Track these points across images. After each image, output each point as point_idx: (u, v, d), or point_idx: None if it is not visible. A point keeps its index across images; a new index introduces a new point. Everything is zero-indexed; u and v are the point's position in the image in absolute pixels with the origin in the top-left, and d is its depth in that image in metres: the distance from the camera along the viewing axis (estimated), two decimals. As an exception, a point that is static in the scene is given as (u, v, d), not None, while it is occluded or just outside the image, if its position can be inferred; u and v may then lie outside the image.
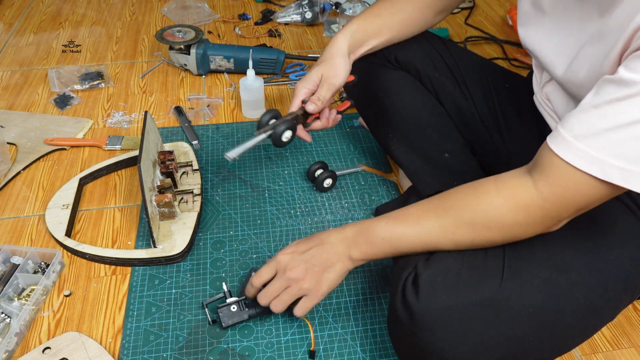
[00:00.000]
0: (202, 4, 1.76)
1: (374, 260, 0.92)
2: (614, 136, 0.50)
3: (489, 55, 1.53)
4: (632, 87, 0.48)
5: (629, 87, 0.49)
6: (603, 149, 0.50)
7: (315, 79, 0.83)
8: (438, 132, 0.90)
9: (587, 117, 0.52)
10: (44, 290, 0.85)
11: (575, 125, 0.53)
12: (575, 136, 0.52)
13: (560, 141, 0.53)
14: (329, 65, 0.82)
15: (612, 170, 0.50)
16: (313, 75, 0.83)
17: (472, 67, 0.92)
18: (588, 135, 0.51)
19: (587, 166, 0.51)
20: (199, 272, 0.90)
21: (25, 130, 1.20)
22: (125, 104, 1.31)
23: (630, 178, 0.50)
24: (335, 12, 1.69)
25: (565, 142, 0.53)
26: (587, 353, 0.80)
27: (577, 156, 0.52)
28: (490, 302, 0.58)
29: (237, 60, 1.37)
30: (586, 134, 0.51)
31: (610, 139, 0.50)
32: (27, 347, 0.79)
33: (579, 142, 0.52)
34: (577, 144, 0.52)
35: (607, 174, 0.51)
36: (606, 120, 0.50)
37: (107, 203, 1.03)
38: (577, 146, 0.52)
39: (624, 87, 0.49)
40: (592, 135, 0.51)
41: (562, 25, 0.67)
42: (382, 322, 0.83)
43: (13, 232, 0.97)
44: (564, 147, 0.53)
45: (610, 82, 0.51)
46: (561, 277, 0.60)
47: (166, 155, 0.99)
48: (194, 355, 0.78)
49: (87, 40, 1.59)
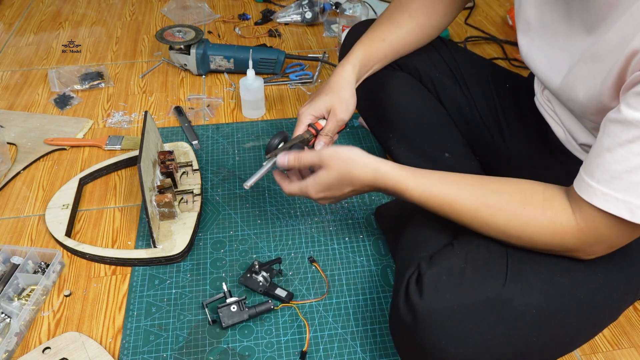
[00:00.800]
0: (202, 4, 1.76)
1: (371, 260, 0.92)
2: (634, 178, 0.51)
3: (489, 55, 1.53)
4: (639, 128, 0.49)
5: (636, 127, 0.49)
6: (626, 191, 0.51)
7: (323, 108, 0.81)
8: (438, 132, 0.90)
9: (604, 162, 0.53)
10: (44, 290, 0.85)
11: (595, 171, 0.54)
12: (598, 181, 0.53)
13: (586, 187, 0.55)
14: (338, 99, 0.81)
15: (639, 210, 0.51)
16: (321, 104, 0.81)
17: (473, 67, 0.92)
18: (609, 179, 0.52)
19: (615, 209, 0.52)
20: (199, 272, 0.90)
21: (25, 130, 1.20)
22: (125, 104, 1.31)
23: None
24: (335, 12, 1.69)
25: (590, 187, 0.54)
26: (587, 353, 0.80)
27: (603, 200, 0.53)
28: (493, 302, 0.58)
29: (237, 60, 1.37)
30: (608, 179, 0.52)
31: (632, 180, 0.51)
32: (27, 347, 0.79)
33: (603, 186, 0.53)
34: (601, 189, 0.53)
35: (635, 215, 0.51)
36: (622, 162, 0.51)
37: (107, 203, 1.03)
38: (602, 190, 0.53)
39: (632, 128, 0.50)
40: (614, 179, 0.52)
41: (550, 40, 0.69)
42: (382, 322, 0.83)
43: (13, 232, 0.97)
44: (589, 193, 0.54)
45: (616, 123, 0.52)
46: (564, 278, 0.60)
47: (166, 155, 0.99)
48: (194, 355, 0.78)
49: (87, 40, 1.59)
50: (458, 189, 0.65)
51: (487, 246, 0.64)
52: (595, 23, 0.59)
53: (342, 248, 0.94)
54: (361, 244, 0.95)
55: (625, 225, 0.53)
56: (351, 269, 0.91)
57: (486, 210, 0.62)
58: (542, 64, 0.70)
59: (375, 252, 0.94)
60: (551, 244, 0.59)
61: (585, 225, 0.56)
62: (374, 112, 0.97)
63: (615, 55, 0.54)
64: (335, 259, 0.92)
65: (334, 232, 0.97)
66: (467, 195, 0.64)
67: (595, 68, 0.58)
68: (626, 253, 0.63)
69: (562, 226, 0.58)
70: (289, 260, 0.92)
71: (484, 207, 0.63)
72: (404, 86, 0.91)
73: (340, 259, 0.92)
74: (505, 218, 0.61)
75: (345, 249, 0.94)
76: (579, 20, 0.62)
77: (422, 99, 0.91)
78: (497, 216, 0.62)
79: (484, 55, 1.43)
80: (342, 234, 0.97)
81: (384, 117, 0.93)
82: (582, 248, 0.58)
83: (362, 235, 0.97)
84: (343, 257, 0.93)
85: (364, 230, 0.98)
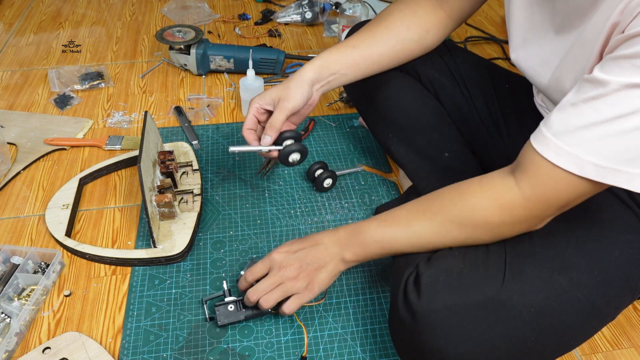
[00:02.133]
0: (202, 4, 1.76)
1: (371, 260, 0.92)
2: (589, 134, 0.51)
3: (489, 55, 1.53)
4: (605, 87, 0.50)
5: (603, 86, 0.50)
6: (579, 145, 0.52)
7: (269, 98, 0.82)
8: (438, 131, 0.90)
9: (565, 115, 0.53)
10: (44, 290, 0.85)
11: (554, 123, 0.54)
12: (554, 133, 0.54)
13: (541, 139, 0.55)
14: (285, 88, 0.81)
15: (588, 166, 0.52)
16: (268, 95, 0.82)
17: (472, 67, 0.92)
18: (565, 132, 0.53)
19: (564, 163, 0.53)
20: (199, 272, 0.90)
21: (25, 130, 1.20)
22: (125, 104, 1.31)
23: (606, 174, 0.51)
24: (335, 12, 1.69)
25: (545, 139, 0.54)
26: (587, 353, 0.80)
27: (555, 153, 0.53)
28: (492, 302, 0.58)
29: (237, 60, 1.37)
30: (563, 131, 0.53)
31: (586, 136, 0.51)
32: (27, 347, 0.79)
33: (557, 139, 0.53)
34: (555, 141, 0.53)
35: (583, 170, 0.52)
36: (582, 117, 0.52)
37: (107, 203, 1.03)
38: (555, 143, 0.53)
39: (599, 87, 0.50)
40: (569, 132, 0.52)
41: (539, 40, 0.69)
42: (382, 322, 0.83)
43: (13, 232, 0.97)
44: (544, 145, 0.54)
45: (587, 81, 0.52)
46: (562, 277, 0.60)
47: (166, 155, 0.99)
48: (194, 355, 0.78)
49: (87, 40, 1.59)
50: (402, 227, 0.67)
51: (485, 246, 0.64)
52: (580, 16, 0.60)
53: (342, 248, 0.94)
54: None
55: (572, 181, 0.53)
56: (351, 269, 0.91)
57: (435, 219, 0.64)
58: (532, 63, 0.71)
59: (375, 252, 0.94)
60: (504, 221, 0.60)
61: (531, 191, 0.56)
62: (373, 112, 0.97)
63: (598, 36, 0.55)
64: (335, 259, 0.92)
65: (334, 232, 0.97)
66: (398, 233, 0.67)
67: (581, 54, 0.59)
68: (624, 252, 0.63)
69: (507, 199, 0.58)
70: (289, 260, 0.92)
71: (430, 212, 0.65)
72: (404, 86, 0.91)
73: (340, 259, 0.92)
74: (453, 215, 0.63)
75: (345, 249, 0.94)
76: (564, 17, 0.64)
77: (421, 99, 0.91)
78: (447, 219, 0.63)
79: (483, 56, 1.43)
80: (342, 234, 0.97)
81: (384, 117, 0.93)
82: (535, 215, 0.59)
83: (362, 235, 0.97)
84: (343, 257, 0.93)
85: (364, 230, 0.98)
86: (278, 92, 0.81)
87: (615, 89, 0.49)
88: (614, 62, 0.50)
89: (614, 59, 0.50)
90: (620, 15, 0.51)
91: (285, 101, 0.80)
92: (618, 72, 0.49)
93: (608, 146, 0.50)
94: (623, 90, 0.48)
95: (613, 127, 0.50)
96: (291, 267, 0.72)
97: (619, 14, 0.51)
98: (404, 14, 0.85)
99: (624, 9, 0.50)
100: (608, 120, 0.50)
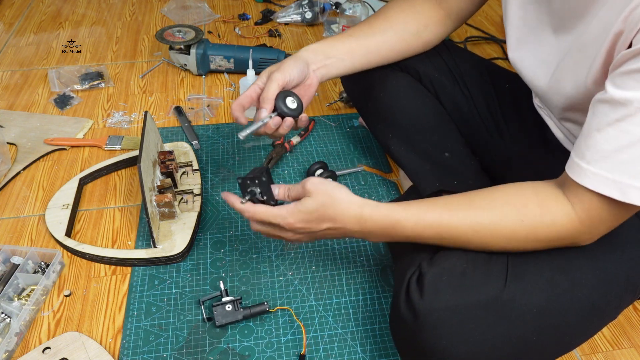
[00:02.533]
0: (202, 4, 1.76)
1: (371, 260, 0.92)
2: (624, 156, 0.50)
3: (489, 55, 1.53)
4: (628, 107, 0.49)
5: (624, 106, 0.49)
6: (616, 170, 0.51)
7: (264, 77, 0.79)
8: (438, 131, 0.90)
9: (593, 143, 0.53)
10: (44, 290, 0.85)
11: (585, 152, 0.54)
12: (588, 162, 0.53)
13: (577, 169, 0.55)
14: (278, 64, 0.79)
15: (630, 190, 0.51)
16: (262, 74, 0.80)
17: (472, 67, 0.92)
18: (599, 159, 0.52)
19: (605, 189, 0.52)
20: (199, 272, 0.90)
21: (25, 130, 1.20)
22: (125, 104, 1.31)
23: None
24: (335, 12, 1.69)
25: (580, 169, 0.54)
26: (587, 353, 0.80)
27: (594, 180, 0.53)
28: (494, 302, 0.58)
29: (237, 60, 1.37)
30: (597, 158, 0.52)
31: (621, 159, 0.51)
32: (27, 347, 0.79)
33: (593, 167, 0.53)
34: (592, 169, 0.53)
35: (625, 194, 0.51)
36: (612, 141, 0.51)
37: (107, 203, 1.03)
38: (592, 171, 0.53)
39: (620, 107, 0.50)
40: (604, 159, 0.52)
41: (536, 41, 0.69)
42: (382, 322, 0.83)
43: (13, 232, 0.97)
44: (581, 175, 0.54)
45: (604, 103, 0.52)
46: (564, 278, 0.60)
47: (166, 155, 0.99)
48: (194, 355, 0.78)
49: (87, 40, 1.59)
50: (450, 215, 0.62)
51: None
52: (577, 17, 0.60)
53: (342, 248, 0.94)
54: (361, 243, 0.95)
55: (617, 206, 0.53)
56: (351, 269, 0.91)
57: (484, 232, 0.61)
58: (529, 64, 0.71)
59: (375, 252, 0.94)
60: (555, 242, 0.60)
61: (583, 213, 0.56)
62: (373, 112, 0.97)
63: (599, 42, 0.54)
64: (335, 259, 0.92)
65: (334, 232, 0.97)
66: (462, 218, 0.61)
67: (581, 58, 0.58)
68: (625, 252, 0.63)
69: (564, 224, 0.57)
70: (289, 260, 0.92)
71: (480, 228, 0.61)
72: (404, 86, 0.91)
73: (340, 259, 0.92)
74: (505, 236, 0.60)
75: (345, 248, 0.94)
76: (561, 17, 0.63)
77: (421, 99, 0.91)
78: (496, 235, 0.60)
79: (483, 56, 1.43)
80: (342, 234, 0.97)
81: (384, 117, 0.93)
82: (582, 236, 0.58)
83: (362, 235, 0.97)
84: (343, 257, 0.93)
85: (364, 230, 0.98)
86: (271, 68, 0.80)
87: (638, 107, 0.48)
88: (629, 76, 0.49)
89: (627, 73, 0.49)
90: (623, 23, 0.50)
91: (276, 72, 0.77)
92: (636, 87, 0.48)
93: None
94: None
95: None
96: (298, 237, 0.69)
97: (622, 22, 0.50)
98: (402, 8, 0.86)
99: (628, 17, 0.50)
100: None
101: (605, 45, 0.53)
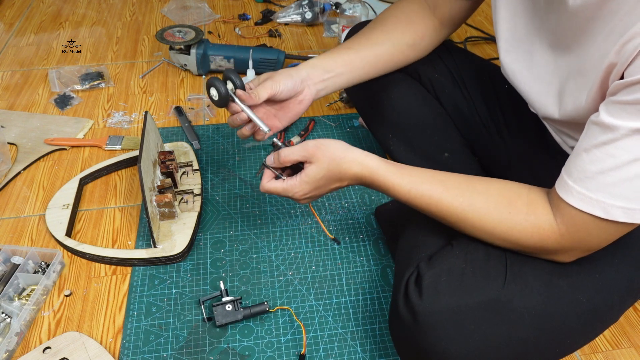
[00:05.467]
0: (202, 4, 1.76)
1: (371, 260, 0.92)
2: (608, 179, 0.52)
3: (489, 55, 1.53)
4: (615, 132, 0.51)
5: (612, 131, 0.51)
6: (600, 191, 0.52)
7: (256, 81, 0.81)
8: (438, 132, 0.90)
9: (580, 162, 0.54)
10: (44, 290, 0.85)
11: (573, 170, 0.55)
12: (574, 180, 0.54)
13: (564, 185, 0.56)
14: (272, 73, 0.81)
15: (614, 209, 0.52)
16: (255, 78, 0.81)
17: (472, 68, 0.92)
18: (584, 179, 0.53)
19: (589, 208, 0.53)
20: (199, 272, 0.90)
21: (25, 130, 1.20)
22: (125, 104, 1.31)
23: (633, 214, 0.52)
24: (335, 12, 1.70)
25: (567, 186, 0.55)
26: (587, 353, 0.81)
27: (578, 199, 0.54)
28: (493, 304, 0.58)
29: (237, 60, 1.37)
30: (582, 178, 0.54)
31: (605, 181, 0.52)
32: (27, 346, 0.79)
33: (578, 185, 0.54)
34: (577, 188, 0.54)
35: (609, 213, 0.52)
36: (597, 163, 0.52)
37: (107, 203, 1.04)
38: (577, 190, 0.54)
39: (609, 132, 0.51)
40: (588, 179, 0.53)
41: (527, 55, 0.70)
42: (382, 322, 0.83)
43: (13, 232, 0.97)
44: (567, 192, 0.55)
45: (595, 125, 0.53)
46: (562, 281, 0.60)
47: (166, 155, 0.99)
48: (194, 355, 0.78)
49: (87, 41, 1.59)
50: (445, 189, 0.65)
51: (486, 247, 0.64)
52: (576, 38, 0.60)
53: (342, 248, 0.94)
54: (361, 244, 0.95)
55: (601, 224, 0.54)
56: (351, 269, 0.91)
57: (473, 214, 0.63)
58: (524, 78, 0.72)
59: (375, 252, 0.94)
60: (534, 246, 0.60)
61: (565, 229, 0.57)
62: (373, 113, 0.97)
63: (597, 70, 0.55)
64: (335, 259, 0.92)
65: (334, 232, 0.97)
66: (454, 195, 0.64)
67: (582, 82, 0.59)
68: (626, 255, 0.63)
69: (545, 230, 0.58)
70: (289, 260, 0.92)
71: (470, 209, 0.63)
72: (404, 87, 0.91)
73: (340, 259, 0.93)
74: (492, 222, 0.62)
75: (345, 249, 0.94)
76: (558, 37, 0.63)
77: (421, 99, 0.91)
78: (484, 220, 0.62)
79: (483, 56, 1.43)
80: (342, 234, 0.97)
81: (384, 118, 0.93)
82: (562, 251, 0.59)
83: (362, 235, 0.97)
84: (343, 257, 0.93)
85: (364, 230, 0.98)
86: (265, 76, 0.81)
87: (625, 134, 0.50)
88: (620, 107, 0.50)
89: (619, 103, 0.51)
90: (616, 56, 0.51)
91: (268, 80, 0.79)
92: (625, 117, 0.50)
93: (630, 188, 0.51)
94: (633, 135, 0.49)
95: (631, 170, 0.50)
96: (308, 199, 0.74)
97: (615, 54, 0.51)
98: (398, 19, 0.86)
99: (620, 51, 0.51)
100: (624, 165, 0.50)
101: (600, 74, 0.54)
